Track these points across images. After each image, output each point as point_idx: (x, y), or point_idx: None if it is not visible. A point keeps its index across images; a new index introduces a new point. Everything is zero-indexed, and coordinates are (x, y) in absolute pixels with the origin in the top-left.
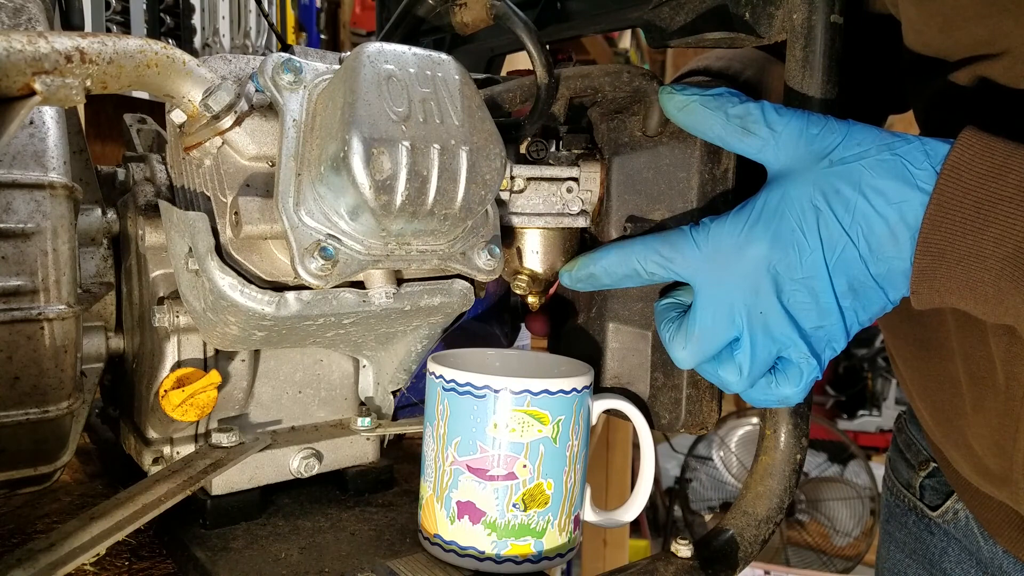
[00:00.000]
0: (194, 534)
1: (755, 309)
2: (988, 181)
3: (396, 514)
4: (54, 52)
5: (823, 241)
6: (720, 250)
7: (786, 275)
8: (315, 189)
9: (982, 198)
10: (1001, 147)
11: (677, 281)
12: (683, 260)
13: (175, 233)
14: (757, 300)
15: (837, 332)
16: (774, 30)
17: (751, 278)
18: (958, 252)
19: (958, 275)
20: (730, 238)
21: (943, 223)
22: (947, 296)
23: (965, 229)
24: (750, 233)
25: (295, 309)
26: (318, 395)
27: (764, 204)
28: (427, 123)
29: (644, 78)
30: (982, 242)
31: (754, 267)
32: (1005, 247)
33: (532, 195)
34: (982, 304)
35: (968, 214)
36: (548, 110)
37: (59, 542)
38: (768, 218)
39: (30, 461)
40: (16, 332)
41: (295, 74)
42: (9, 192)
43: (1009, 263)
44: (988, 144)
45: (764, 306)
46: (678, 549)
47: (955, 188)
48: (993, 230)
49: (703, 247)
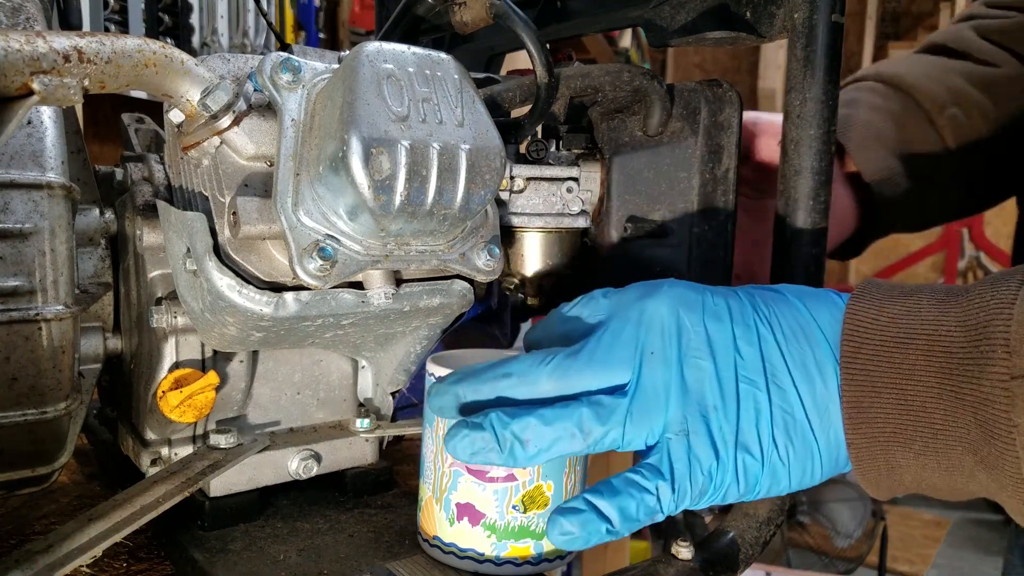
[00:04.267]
0: (192, 536)
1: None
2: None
3: (395, 516)
4: (52, 52)
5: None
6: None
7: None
8: (314, 189)
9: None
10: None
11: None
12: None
13: (173, 233)
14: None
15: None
16: (775, 29)
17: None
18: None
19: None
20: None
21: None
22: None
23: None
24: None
25: (293, 310)
26: (317, 396)
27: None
28: (426, 123)
29: (644, 78)
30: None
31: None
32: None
33: (532, 195)
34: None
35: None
36: (548, 110)
37: (57, 543)
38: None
39: (28, 462)
40: (14, 333)
41: (294, 73)
42: (7, 192)
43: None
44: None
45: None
46: (678, 551)
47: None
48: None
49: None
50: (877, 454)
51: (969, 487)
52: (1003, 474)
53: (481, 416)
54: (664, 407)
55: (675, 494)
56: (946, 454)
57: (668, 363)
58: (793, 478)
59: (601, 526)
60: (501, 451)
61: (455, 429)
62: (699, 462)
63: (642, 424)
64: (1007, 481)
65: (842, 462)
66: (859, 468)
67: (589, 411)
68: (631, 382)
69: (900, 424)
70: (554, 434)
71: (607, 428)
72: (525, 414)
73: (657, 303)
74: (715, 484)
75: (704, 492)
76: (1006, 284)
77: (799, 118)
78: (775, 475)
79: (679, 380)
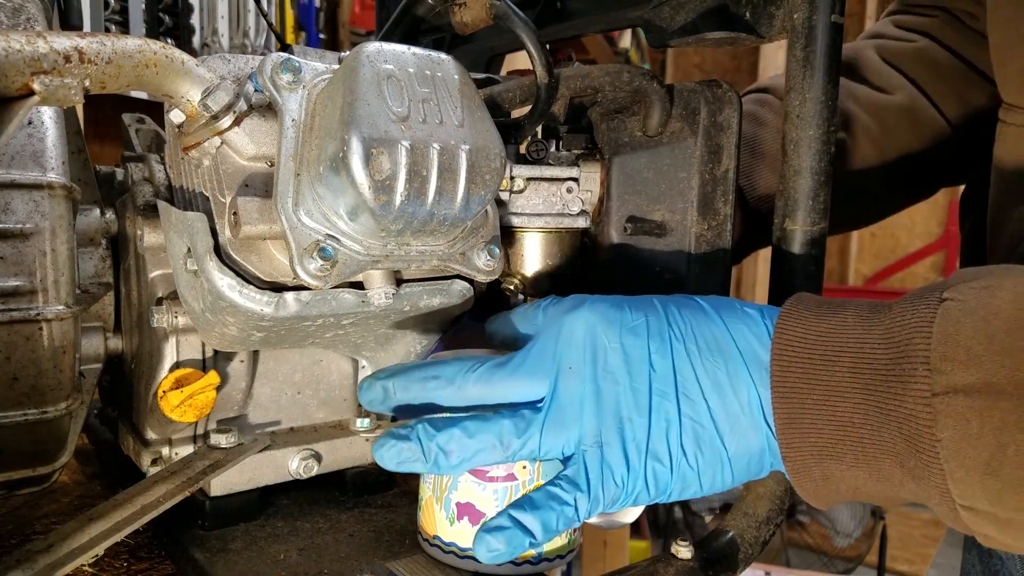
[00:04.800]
0: (193, 535)
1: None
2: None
3: (395, 515)
4: (53, 52)
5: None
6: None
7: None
8: (314, 189)
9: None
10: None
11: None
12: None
13: (174, 233)
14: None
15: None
16: (775, 30)
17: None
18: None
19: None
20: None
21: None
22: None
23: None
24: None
25: (294, 310)
26: (317, 396)
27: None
28: (427, 123)
29: (644, 78)
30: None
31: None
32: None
33: (532, 195)
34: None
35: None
36: (548, 110)
37: (57, 543)
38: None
39: (28, 462)
40: (14, 332)
41: (294, 74)
42: (7, 192)
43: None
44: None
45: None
46: (678, 550)
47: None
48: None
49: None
50: (812, 467)
51: (901, 495)
52: (930, 485)
53: (408, 428)
54: (578, 420)
55: (590, 503)
56: (876, 466)
57: (583, 378)
58: (704, 482)
59: (525, 540)
60: (426, 461)
61: (383, 439)
62: (612, 472)
63: (557, 436)
64: (934, 492)
65: (754, 469)
66: (796, 480)
67: (509, 424)
68: (547, 396)
69: (831, 439)
70: (476, 446)
71: (524, 440)
72: (450, 426)
73: (575, 320)
74: (627, 491)
75: (616, 499)
76: (926, 301)
77: (799, 118)
78: (685, 480)
79: (594, 394)
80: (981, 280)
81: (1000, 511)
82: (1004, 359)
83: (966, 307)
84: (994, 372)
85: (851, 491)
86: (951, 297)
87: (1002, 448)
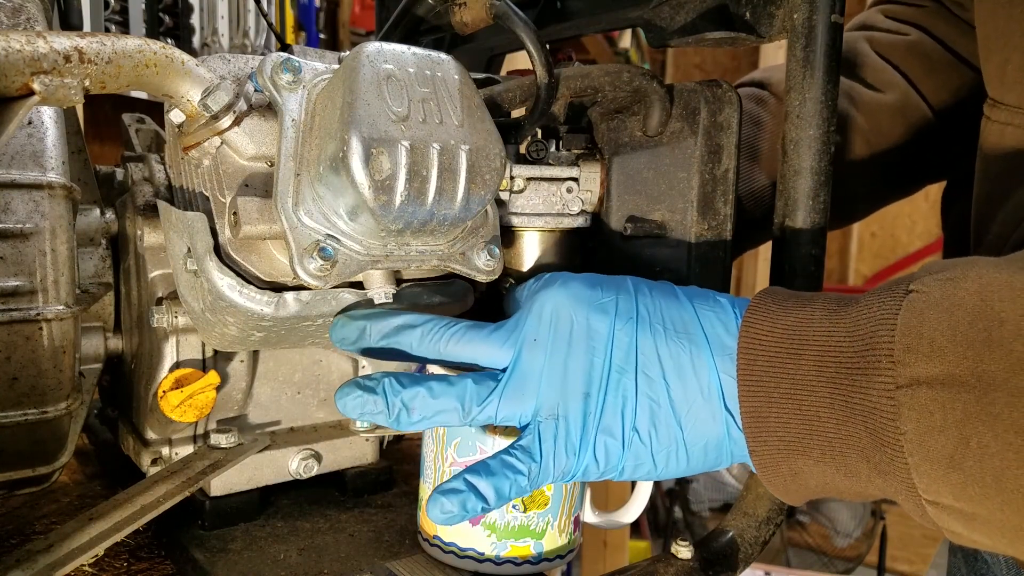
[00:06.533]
0: (193, 535)
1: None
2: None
3: (395, 515)
4: (53, 52)
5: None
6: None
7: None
8: (314, 189)
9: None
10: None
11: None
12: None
13: (173, 233)
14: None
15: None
16: (775, 30)
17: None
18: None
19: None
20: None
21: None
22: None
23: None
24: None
25: (294, 310)
26: (317, 396)
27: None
28: (426, 123)
29: (644, 78)
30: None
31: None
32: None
33: (532, 195)
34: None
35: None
36: (548, 110)
37: (57, 543)
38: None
39: (28, 462)
40: (14, 332)
41: (294, 74)
42: (7, 192)
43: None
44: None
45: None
46: (678, 550)
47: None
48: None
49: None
50: (779, 462)
51: (869, 490)
52: (895, 479)
53: (374, 380)
54: (536, 391)
55: (540, 474)
56: (843, 461)
57: (545, 351)
58: (658, 462)
59: (478, 505)
60: (388, 415)
61: (348, 387)
62: (564, 444)
63: (514, 405)
64: (900, 486)
65: (712, 456)
66: (764, 476)
67: (472, 388)
68: (510, 365)
69: (798, 433)
70: (438, 406)
71: (483, 406)
72: (415, 384)
73: (545, 296)
74: (578, 463)
75: (567, 472)
76: (891, 294)
77: (799, 118)
78: (637, 458)
79: (553, 367)
80: (946, 272)
81: (965, 505)
82: (966, 351)
83: (930, 299)
84: (957, 364)
85: (820, 486)
86: (916, 289)
87: (965, 441)
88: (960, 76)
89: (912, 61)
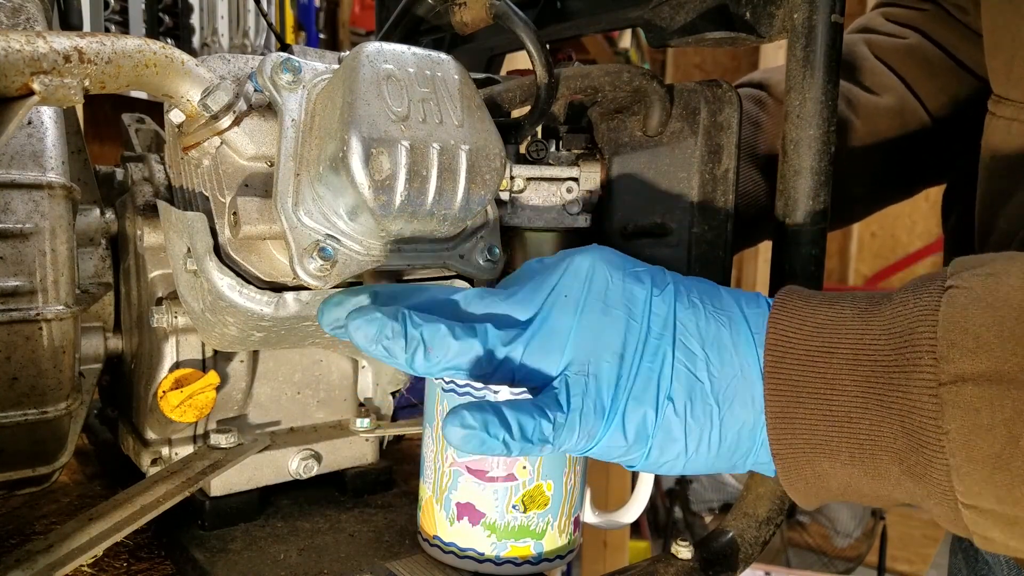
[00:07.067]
0: (193, 535)
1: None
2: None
3: (395, 515)
4: (52, 52)
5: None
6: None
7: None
8: (314, 189)
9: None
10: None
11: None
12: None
13: (173, 233)
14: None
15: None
16: (775, 30)
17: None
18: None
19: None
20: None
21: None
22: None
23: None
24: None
25: (294, 310)
26: (317, 396)
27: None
28: (426, 123)
29: (644, 78)
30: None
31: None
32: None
33: (532, 195)
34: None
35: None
36: (548, 110)
37: (57, 543)
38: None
39: (28, 462)
40: (14, 333)
41: (294, 74)
42: (7, 192)
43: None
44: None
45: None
46: (678, 551)
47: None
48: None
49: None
50: (804, 464)
51: (895, 494)
52: (930, 482)
53: (394, 308)
54: (563, 346)
55: (566, 427)
56: (872, 464)
57: (579, 306)
58: (689, 440)
59: (500, 432)
60: (405, 349)
61: (366, 311)
62: (594, 402)
63: (541, 356)
64: (934, 489)
65: (744, 444)
66: (786, 479)
67: (495, 332)
68: (539, 317)
69: (826, 435)
70: (459, 348)
71: (508, 348)
72: (437, 320)
73: (583, 257)
74: (606, 426)
75: (592, 435)
76: (927, 290)
77: (799, 118)
78: (669, 431)
79: (586, 324)
80: (985, 267)
81: (1009, 509)
82: (1015, 347)
83: (972, 294)
84: (1005, 360)
85: (842, 489)
86: (956, 284)
87: (1014, 440)
88: (958, 80)
89: (910, 65)
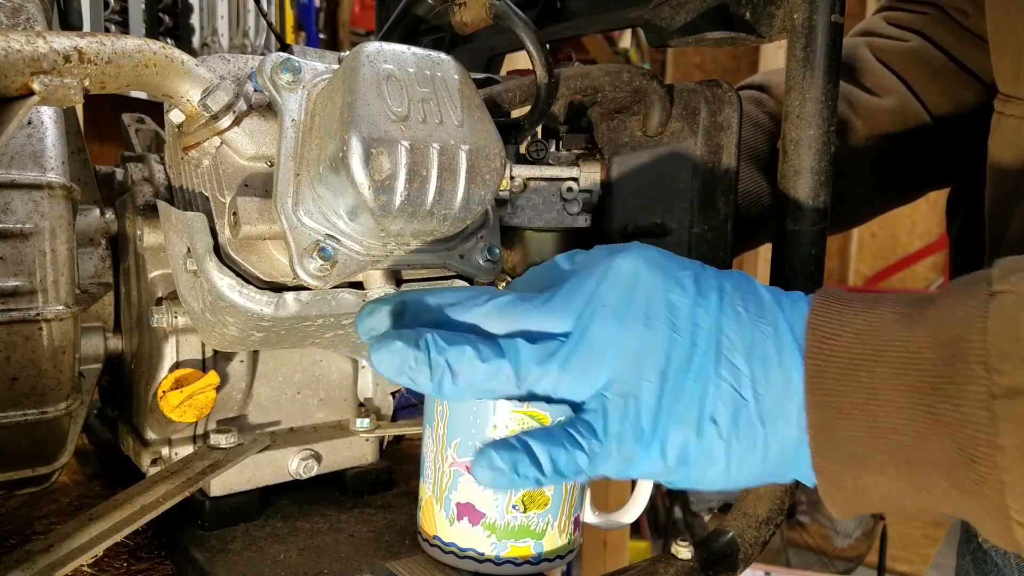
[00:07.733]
0: (192, 535)
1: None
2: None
3: (395, 515)
4: (52, 52)
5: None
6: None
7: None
8: (314, 189)
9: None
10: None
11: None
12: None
13: (173, 233)
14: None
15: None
16: (775, 30)
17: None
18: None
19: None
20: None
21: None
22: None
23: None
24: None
25: (294, 310)
26: (317, 396)
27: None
28: (426, 123)
29: (644, 78)
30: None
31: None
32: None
33: (532, 195)
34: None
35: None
36: (548, 110)
37: (57, 543)
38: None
39: (28, 462)
40: (14, 333)
41: (294, 74)
42: (7, 192)
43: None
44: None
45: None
46: (678, 551)
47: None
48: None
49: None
50: (845, 477)
51: (941, 508)
52: (981, 498)
53: (414, 332)
54: (605, 363)
55: (601, 456)
56: (918, 477)
57: (621, 320)
58: (732, 463)
59: (530, 470)
60: (431, 376)
61: (387, 339)
62: (633, 428)
63: (579, 376)
64: (986, 505)
65: (788, 463)
66: (826, 491)
67: (527, 350)
68: (576, 331)
69: (870, 448)
70: (488, 370)
71: (542, 370)
72: (462, 342)
73: (625, 260)
74: (645, 452)
75: (630, 460)
76: (974, 295)
77: (799, 118)
78: (711, 454)
79: (628, 339)
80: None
81: None
82: None
83: (1022, 300)
84: None
85: (882, 502)
86: (1004, 289)
87: None
88: (960, 83)
89: (912, 67)
